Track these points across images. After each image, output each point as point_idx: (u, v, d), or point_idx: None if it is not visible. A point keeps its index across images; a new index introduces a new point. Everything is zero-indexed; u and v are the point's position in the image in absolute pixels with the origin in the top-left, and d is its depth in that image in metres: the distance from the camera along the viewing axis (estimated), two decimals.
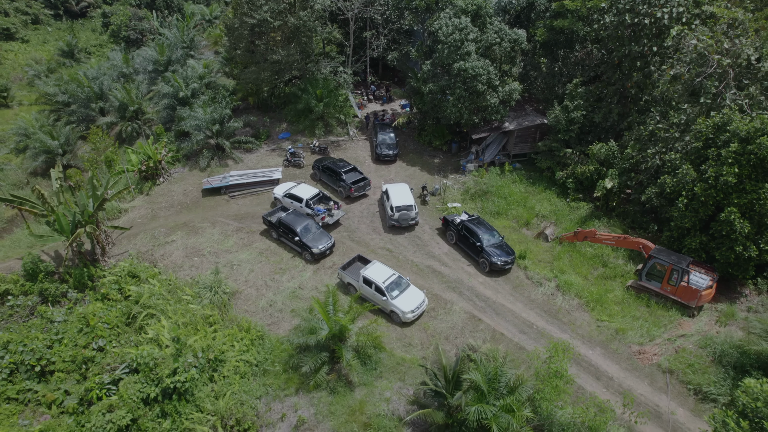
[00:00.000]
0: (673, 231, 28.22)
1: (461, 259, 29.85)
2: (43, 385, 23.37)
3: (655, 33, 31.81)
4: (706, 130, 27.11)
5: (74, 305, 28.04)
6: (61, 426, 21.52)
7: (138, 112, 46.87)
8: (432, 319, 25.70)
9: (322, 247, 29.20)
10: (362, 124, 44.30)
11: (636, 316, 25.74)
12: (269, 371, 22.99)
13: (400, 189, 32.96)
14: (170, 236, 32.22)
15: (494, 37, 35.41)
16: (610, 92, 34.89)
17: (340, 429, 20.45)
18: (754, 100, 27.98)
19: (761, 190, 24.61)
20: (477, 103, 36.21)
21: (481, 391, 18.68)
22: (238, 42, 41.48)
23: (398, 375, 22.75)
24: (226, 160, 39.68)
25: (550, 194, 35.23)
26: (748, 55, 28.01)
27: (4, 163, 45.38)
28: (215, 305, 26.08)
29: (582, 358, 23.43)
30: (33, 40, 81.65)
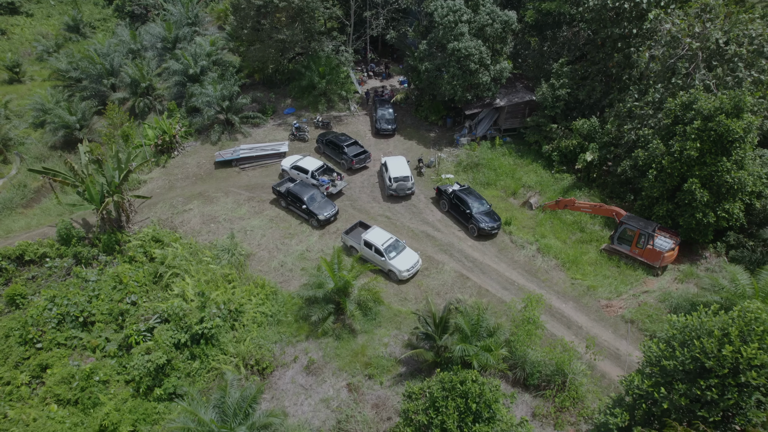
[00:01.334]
0: (644, 200, 31.30)
1: (453, 225, 33.01)
2: (86, 333, 26.81)
3: (635, 16, 34.19)
4: (675, 108, 29.87)
5: (104, 267, 31.35)
6: (105, 366, 25.03)
7: (149, 88, 49.29)
8: (425, 277, 29.00)
9: (327, 215, 32.31)
10: (363, 99, 46.87)
11: (606, 275, 29.01)
12: (282, 321, 26.38)
13: (398, 161, 35.88)
14: (187, 205, 35.28)
15: (486, 18, 37.72)
16: (594, 71, 37.45)
17: (344, 368, 23.92)
18: (721, 80, 30.67)
19: (719, 163, 27.55)
20: (470, 81, 38.75)
21: (465, 334, 22.06)
22: (245, 21, 43.67)
23: (395, 324, 26.14)
24: (235, 135, 42.44)
25: (536, 166, 38.13)
26: (716, 39, 30.56)
27: (24, 137, 48.02)
28: (233, 265, 29.33)
29: (556, 311, 26.79)
30: (37, 14, 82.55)
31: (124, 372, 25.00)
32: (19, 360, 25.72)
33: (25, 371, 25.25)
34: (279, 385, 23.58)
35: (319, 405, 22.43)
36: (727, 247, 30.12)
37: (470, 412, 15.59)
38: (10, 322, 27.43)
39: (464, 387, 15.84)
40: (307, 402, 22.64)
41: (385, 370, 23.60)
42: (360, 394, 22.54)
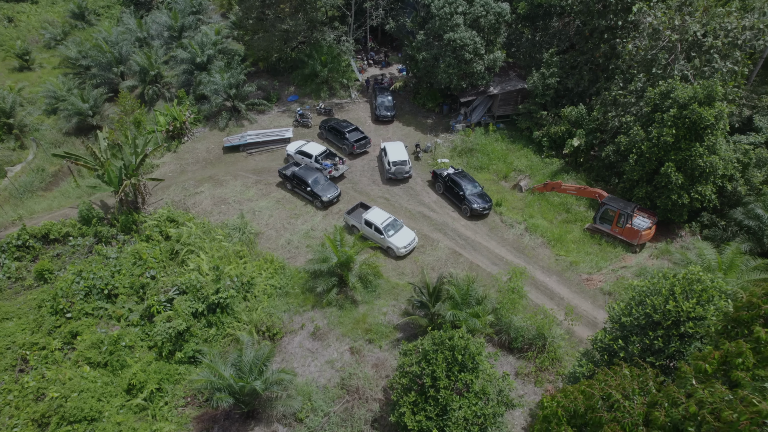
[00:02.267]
0: (625, 182, 33.64)
1: (447, 206, 35.38)
2: (110, 304, 29.34)
3: (620, 9, 36.18)
4: (654, 96, 32.04)
5: (123, 245, 33.78)
6: (130, 333, 27.58)
7: (157, 76, 51.24)
8: (421, 253, 31.45)
9: (330, 196, 34.66)
10: (363, 87, 48.93)
11: (588, 252, 31.47)
12: (290, 293, 28.89)
13: (397, 146, 38.13)
14: (199, 188, 37.61)
15: (481, 10, 39.64)
16: (582, 61, 39.50)
17: (347, 334, 26.47)
18: (698, 70, 32.81)
19: (693, 148, 29.82)
20: (465, 70, 40.81)
21: (456, 302, 24.55)
22: (250, 12, 45.56)
23: (393, 296, 28.64)
24: (241, 121, 44.60)
25: (527, 151, 40.37)
26: (694, 31, 32.62)
27: (38, 123, 50.13)
28: (243, 243, 31.77)
29: (541, 284, 29.28)
30: (42, 1, 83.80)
31: (147, 338, 27.58)
32: (51, 328, 28.27)
33: (58, 338, 27.81)
34: (288, 349, 26.15)
35: (325, 366, 25.02)
36: (701, 226, 32.55)
37: (456, 362, 18.11)
38: (41, 294, 30.02)
39: (452, 342, 18.35)
40: (314, 363, 25.22)
41: (384, 336, 26.15)
42: (361, 356, 25.12)
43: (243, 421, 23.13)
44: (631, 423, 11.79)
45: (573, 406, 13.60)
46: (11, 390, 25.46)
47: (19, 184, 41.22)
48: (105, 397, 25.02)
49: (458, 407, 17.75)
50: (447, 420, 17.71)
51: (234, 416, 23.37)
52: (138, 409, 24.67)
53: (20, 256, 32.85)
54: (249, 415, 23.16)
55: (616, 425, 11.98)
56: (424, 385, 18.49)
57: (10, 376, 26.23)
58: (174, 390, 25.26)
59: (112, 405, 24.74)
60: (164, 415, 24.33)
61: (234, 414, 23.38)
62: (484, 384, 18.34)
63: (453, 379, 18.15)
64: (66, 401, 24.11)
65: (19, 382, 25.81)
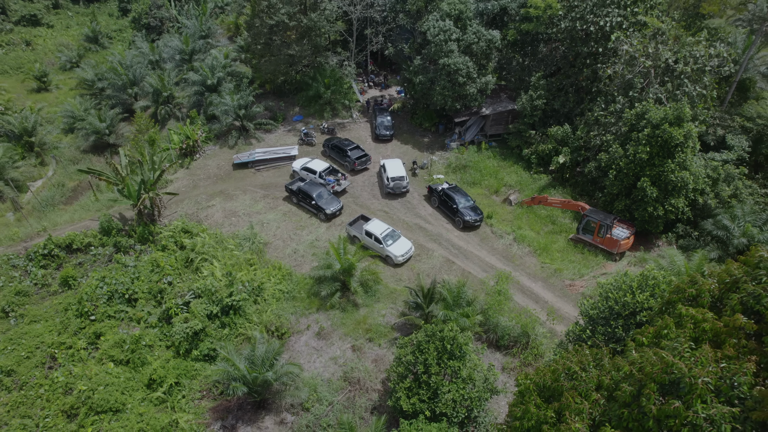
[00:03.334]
0: (606, 196, 36.38)
1: (442, 219, 38.07)
2: (131, 307, 31.85)
3: (600, 37, 39.32)
4: (631, 117, 34.96)
5: (140, 254, 36.39)
6: (149, 334, 30.04)
7: (170, 97, 54.38)
8: (417, 262, 34.05)
9: (333, 209, 37.37)
10: (363, 108, 52.00)
11: (572, 260, 34.07)
12: (297, 297, 31.43)
13: (395, 163, 40.97)
14: (210, 201, 40.34)
15: (473, 37, 42.83)
16: (567, 84, 42.57)
17: (349, 333, 28.94)
18: (671, 94, 35.79)
19: (665, 164, 32.63)
20: (459, 92, 43.86)
21: (448, 303, 27.09)
22: (258, 38, 48.79)
23: (391, 300, 31.16)
24: (250, 140, 47.55)
25: (517, 168, 43.20)
26: (666, 58, 35.67)
27: (57, 141, 53.08)
28: (253, 252, 34.39)
29: (527, 289, 31.82)
30: (57, 25, 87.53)
31: (165, 338, 30.03)
32: (76, 329, 30.74)
33: (83, 338, 30.26)
34: (295, 347, 28.60)
35: (329, 362, 27.45)
36: (676, 236, 35.22)
37: (446, 351, 20.60)
38: (66, 299, 32.55)
39: (442, 333, 20.86)
40: (319, 360, 27.66)
41: (383, 335, 28.62)
42: (362, 353, 27.56)
43: (254, 411, 25.51)
44: (585, 389, 14.29)
45: (542, 380, 16.08)
46: (42, 384, 27.88)
47: (41, 198, 43.94)
48: (128, 390, 27.39)
49: (447, 391, 20.21)
50: (438, 402, 20.15)
51: (246, 407, 25.76)
52: (158, 401, 27.04)
53: (46, 264, 35.43)
54: (260, 405, 25.55)
55: (574, 392, 14.48)
56: (417, 373, 20.98)
57: (40, 372, 28.66)
58: (191, 384, 27.65)
59: (134, 398, 27.12)
60: (182, 407, 26.70)
61: (246, 405, 25.76)
62: (470, 371, 20.82)
63: (443, 366, 20.64)
64: (93, 394, 26.50)
65: (49, 377, 28.23)
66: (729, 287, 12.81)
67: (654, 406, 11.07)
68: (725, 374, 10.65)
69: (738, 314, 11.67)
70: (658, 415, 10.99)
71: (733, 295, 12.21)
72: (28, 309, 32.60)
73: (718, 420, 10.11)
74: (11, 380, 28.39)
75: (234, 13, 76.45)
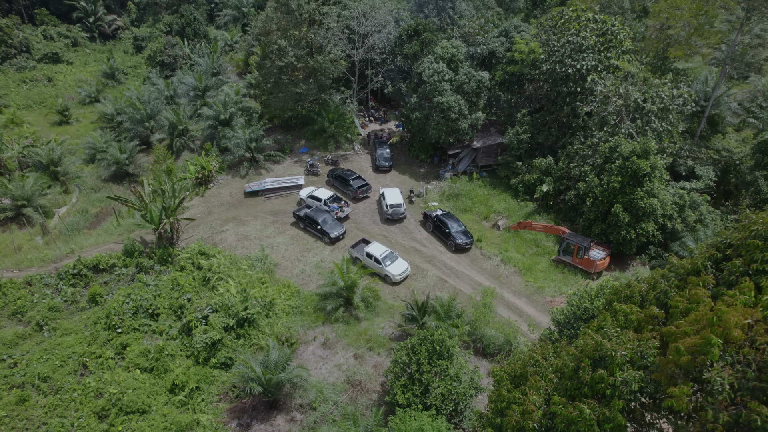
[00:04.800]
0: (585, 221, 40.06)
1: (436, 242, 41.70)
2: (153, 321, 35.19)
3: (578, 78, 43.70)
4: (604, 150, 38.95)
5: (159, 275, 39.87)
6: (171, 345, 33.32)
7: (184, 130, 58.68)
8: (413, 280, 37.52)
9: (337, 234, 41.03)
10: (364, 141, 56.22)
11: (554, 279, 37.53)
12: (304, 311, 34.80)
13: (393, 192, 44.84)
14: (224, 226, 44.02)
15: (464, 78, 47.27)
16: (550, 120, 46.79)
17: (351, 344, 32.23)
18: (640, 129, 39.89)
19: (635, 192, 36.43)
20: (452, 127, 48.05)
21: (439, 315, 30.48)
22: (268, 77, 53.32)
23: (389, 315, 34.52)
24: (260, 170, 51.57)
25: (506, 196, 47.04)
26: (635, 98, 39.90)
27: (80, 171, 57.09)
28: (265, 271, 37.89)
29: (512, 304, 35.19)
30: (76, 62, 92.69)
31: (185, 349, 33.32)
32: (105, 340, 34.04)
33: (111, 348, 33.54)
34: (303, 356, 31.85)
35: (333, 368, 30.68)
36: (649, 257, 38.76)
37: (436, 352, 23.95)
38: (95, 314, 35.93)
39: (433, 337, 24.25)
40: (325, 366, 30.89)
41: (382, 345, 31.90)
42: (363, 360, 30.81)
43: (267, 411, 28.65)
44: (544, 373, 17.68)
45: (512, 370, 19.47)
46: (75, 389, 31.07)
47: (67, 223, 47.65)
48: (152, 394, 30.55)
49: (437, 386, 23.50)
50: (429, 396, 23.41)
51: (260, 407, 28.90)
52: (180, 404, 30.18)
53: (75, 282, 38.90)
54: (272, 405, 28.69)
55: (536, 376, 17.88)
56: (411, 372, 24.28)
57: (73, 378, 31.86)
58: (209, 389, 30.84)
59: (159, 401, 30.27)
60: (201, 409, 29.83)
61: (260, 405, 28.91)
62: (457, 370, 24.13)
63: (433, 365, 23.97)
64: (122, 396, 29.68)
65: (82, 383, 31.42)
66: (651, 287, 16.40)
67: (587, 376, 14.54)
68: (637, 349, 14.15)
69: (653, 306, 15.23)
70: (590, 382, 14.45)
71: (651, 293, 15.79)
72: (60, 323, 35.94)
73: (630, 381, 13.58)
74: (47, 386, 31.57)
75: (243, 51, 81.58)
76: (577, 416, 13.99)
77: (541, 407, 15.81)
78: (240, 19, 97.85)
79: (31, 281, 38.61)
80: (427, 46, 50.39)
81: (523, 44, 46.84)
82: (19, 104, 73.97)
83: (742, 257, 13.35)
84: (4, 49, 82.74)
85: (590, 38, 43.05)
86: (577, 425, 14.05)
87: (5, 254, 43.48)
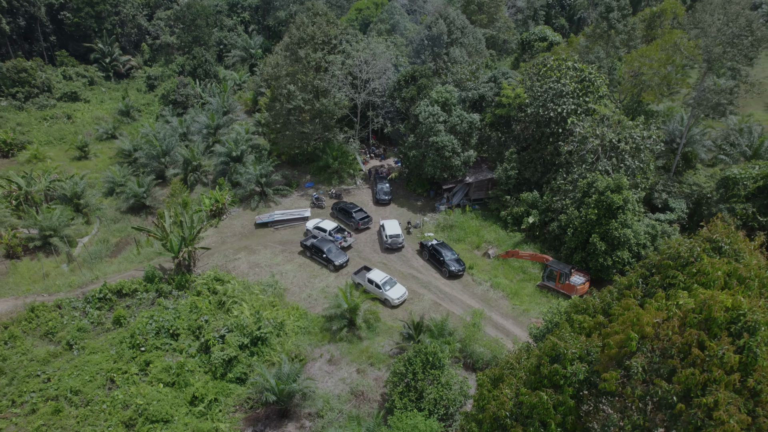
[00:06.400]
0: (566, 250, 43.94)
1: (431, 269, 45.50)
2: (174, 341, 38.66)
3: (559, 120, 48.31)
4: (583, 186, 43.15)
5: (177, 299, 43.48)
6: (190, 362, 36.72)
7: (198, 165, 63.10)
8: (410, 304, 41.15)
9: (341, 261, 44.85)
10: (366, 176, 60.61)
11: (538, 302, 41.17)
12: (311, 331, 38.32)
13: (392, 223, 48.87)
14: (237, 255, 47.86)
15: (457, 119, 51.91)
16: (536, 157, 51.22)
17: (354, 360, 35.66)
18: (615, 167, 44.22)
19: (610, 224, 40.43)
20: (446, 164, 52.43)
21: (433, 333, 34.06)
22: (277, 118, 58.03)
23: (389, 334, 38.04)
24: (269, 203, 55.74)
25: (496, 227, 51.05)
26: (610, 139, 44.37)
27: (99, 203, 61.22)
28: (275, 295, 41.55)
29: (500, 325, 38.73)
30: (93, 99, 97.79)
31: (204, 365, 36.72)
32: (130, 358, 37.46)
33: (135, 365, 36.92)
34: (311, 371, 35.25)
35: (338, 381, 34.06)
36: None
37: (429, 363, 27.49)
38: (120, 334, 39.42)
39: (426, 350, 27.83)
40: (330, 380, 34.28)
41: (382, 361, 35.34)
42: (365, 374, 34.21)
43: (279, 419, 31.93)
44: (517, 373, 21.32)
45: (492, 374, 23.09)
46: (104, 401, 34.36)
47: (90, 252, 51.49)
48: (174, 406, 33.85)
49: (430, 393, 26.99)
50: (423, 401, 26.86)
51: (272, 416, 32.19)
52: (199, 414, 33.45)
53: (101, 306, 42.47)
54: (283, 414, 31.99)
55: (511, 376, 21.51)
56: (408, 381, 27.78)
57: (102, 392, 35.16)
58: (226, 401, 34.14)
59: (180, 412, 33.55)
60: (219, 418, 33.09)
61: (272, 414, 32.20)
62: (447, 379, 27.65)
63: (427, 374, 27.50)
64: (148, 407, 32.98)
65: (110, 395, 34.72)
66: (601, 300, 20.25)
67: (546, 370, 18.24)
68: (585, 348, 17.90)
69: (599, 315, 19.05)
70: (548, 375, 18.14)
71: (599, 304, 19.62)
72: (88, 342, 39.38)
73: (578, 372, 17.29)
74: (79, 398, 34.87)
75: (251, 91, 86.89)
76: (538, 402, 17.64)
77: (512, 399, 19.43)
78: (247, 59, 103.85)
79: (60, 304, 42.19)
80: (422, 90, 55.30)
81: (509, 90, 51.70)
82: (41, 140, 78.57)
83: (660, 274, 17.23)
84: (28, 89, 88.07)
85: (570, 85, 47.84)
86: (538, 409, 17.69)
87: (35, 280, 47.21)
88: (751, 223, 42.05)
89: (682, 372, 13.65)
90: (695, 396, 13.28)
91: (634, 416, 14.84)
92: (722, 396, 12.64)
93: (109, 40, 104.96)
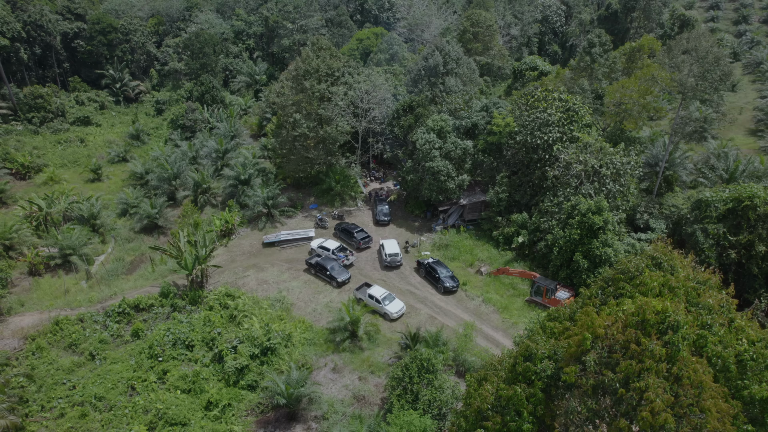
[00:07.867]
0: (553, 267, 47.35)
1: (427, 286, 48.84)
2: (189, 351, 41.78)
3: (546, 147, 52.15)
4: (567, 208, 46.76)
5: (190, 313, 46.68)
6: (205, 371, 39.82)
7: (207, 188, 66.74)
8: (408, 317, 44.40)
9: (343, 278, 48.20)
10: (366, 198, 64.29)
11: (527, 316, 44.34)
12: (317, 343, 41.50)
13: (391, 243, 52.34)
14: (246, 272, 51.19)
15: (451, 146, 55.74)
16: (525, 181, 54.95)
17: (356, 369, 38.78)
18: (598, 190, 47.91)
19: (592, 243, 43.93)
20: (441, 188, 56.08)
21: (428, 343, 37.27)
22: (284, 144, 61.88)
23: (388, 346, 41.21)
24: (275, 224, 59.26)
25: (488, 246, 54.50)
26: (593, 164, 48.12)
27: (113, 223, 64.67)
28: (282, 310, 44.81)
29: (491, 337, 41.93)
30: (104, 123, 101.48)
31: (217, 374, 39.81)
32: (148, 367, 40.53)
33: (153, 374, 39.98)
34: (317, 378, 38.35)
35: (342, 388, 37.16)
36: None
37: (424, 368, 30.69)
38: (139, 346, 42.54)
39: (421, 356, 31.06)
40: (334, 386, 37.37)
41: (381, 369, 38.47)
42: (366, 381, 37.32)
43: (288, 422, 34.97)
44: (499, 373, 24.59)
45: (478, 375, 26.35)
46: (126, 406, 37.38)
47: (107, 269, 54.77)
48: (191, 411, 36.87)
49: (424, 394, 30.16)
50: (418, 402, 30.03)
51: (281, 419, 35.22)
52: (214, 418, 36.46)
53: (120, 319, 45.65)
54: (291, 417, 35.03)
55: (494, 376, 24.78)
56: (405, 385, 30.96)
57: (124, 398, 38.19)
58: (239, 406, 37.18)
59: (197, 416, 36.57)
60: (233, 422, 36.11)
61: (282, 418, 35.24)
62: (440, 382, 30.85)
63: (422, 377, 30.70)
64: (168, 411, 36.01)
65: (131, 401, 37.75)
66: (570, 309, 23.66)
67: (520, 367, 21.57)
68: (553, 348, 21.25)
69: (566, 321, 22.45)
70: (522, 371, 21.46)
71: (567, 313, 23.03)
72: (109, 353, 42.48)
73: (546, 369, 20.63)
74: (102, 404, 37.87)
75: (257, 116, 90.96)
76: (513, 394, 20.94)
77: (493, 394, 22.72)
78: (252, 85, 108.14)
79: (82, 318, 45.37)
80: (419, 118, 59.28)
81: (500, 119, 55.66)
82: (57, 163, 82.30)
83: (613, 286, 20.66)
84: (43, 114, 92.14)
85: (555, 114, 51.79)
86: (513, 400, 20.97)
87: (56, 296, 50.43)
88: (722, 242, 45.53)
89: (623, 363, 16.98)
90: (632, 382, 16.59)
91: (589, 402, 18.15)
92: (651, 381, 15.95)
93: (120, 66, 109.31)
